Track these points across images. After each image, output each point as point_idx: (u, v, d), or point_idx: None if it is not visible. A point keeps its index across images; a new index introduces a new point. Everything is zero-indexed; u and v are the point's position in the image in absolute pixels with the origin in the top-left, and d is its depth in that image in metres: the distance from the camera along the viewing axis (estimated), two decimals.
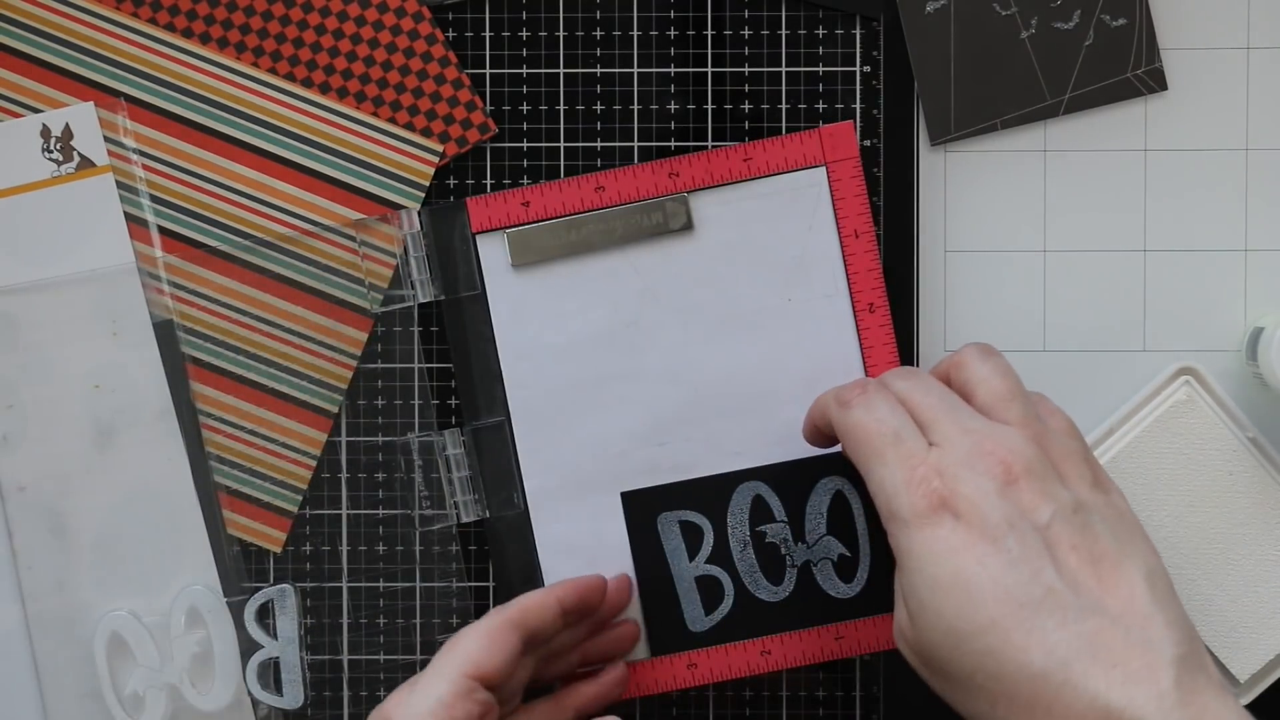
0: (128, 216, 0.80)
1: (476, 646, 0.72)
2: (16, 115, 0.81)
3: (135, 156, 0.81)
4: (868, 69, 0.81)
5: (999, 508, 0.65)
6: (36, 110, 0.80)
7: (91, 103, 0.80)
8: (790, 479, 0.80)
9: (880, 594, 0.80)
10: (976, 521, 0.65)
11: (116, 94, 0.81)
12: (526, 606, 0.74)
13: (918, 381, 0.71)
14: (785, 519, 0.80)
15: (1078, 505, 0.66)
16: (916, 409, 0.69)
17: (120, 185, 0.80)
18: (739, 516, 0.80)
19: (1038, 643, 0.63)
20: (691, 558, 0.80)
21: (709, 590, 0.80)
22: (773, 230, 0.80)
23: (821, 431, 0.75)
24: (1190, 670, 0.63)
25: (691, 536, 0.80)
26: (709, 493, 0.80)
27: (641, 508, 0.80)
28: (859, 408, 0.70)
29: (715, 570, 0.80)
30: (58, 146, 0.80)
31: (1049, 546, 0.65)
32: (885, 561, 0.80)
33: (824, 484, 0.80)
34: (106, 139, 0.80)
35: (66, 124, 0.80)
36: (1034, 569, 0.64)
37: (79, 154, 0.80)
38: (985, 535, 0.65)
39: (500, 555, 0.81)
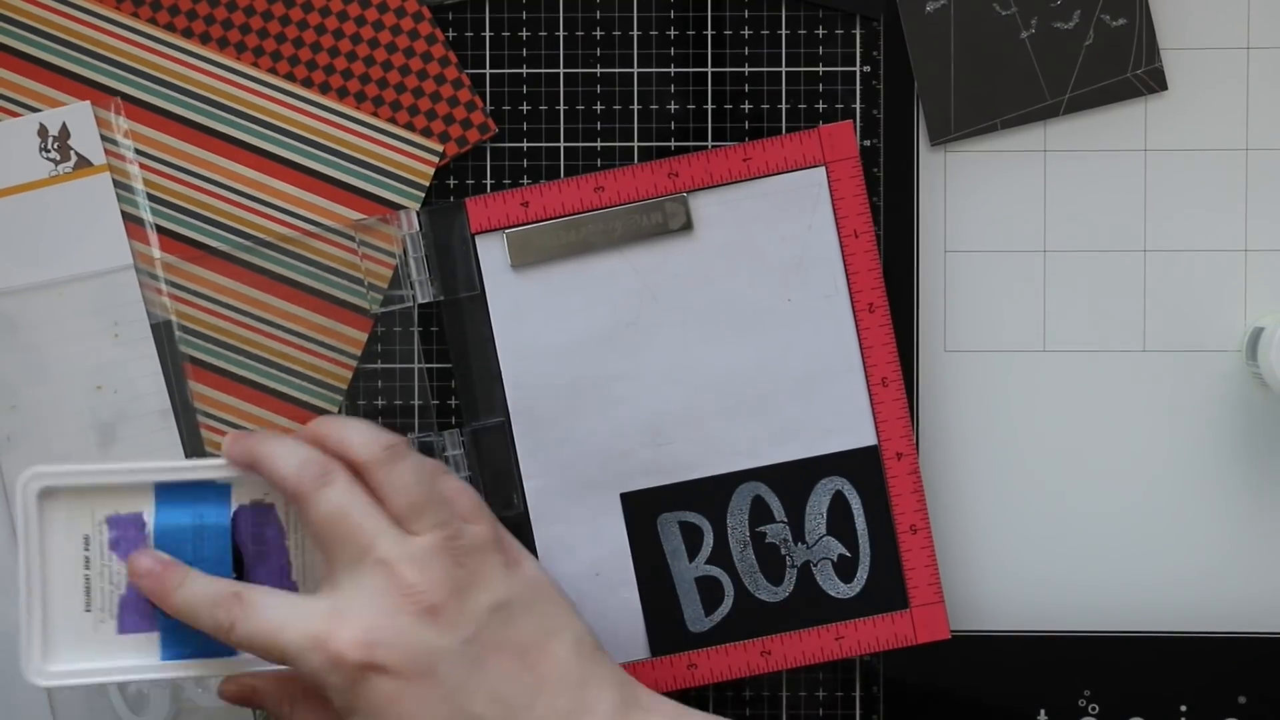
0: (125, 216, 0.80)
1: None
2: (16, 115, 0.81)
3: (132, 155, 0.81)
4: (868, 69, 0.81)
5: (420, 650, 0.67)
6: (36, 110, 0.80)
7: (88, 102, 0.80)
8: (790, 479, 0.80)
9: (880, 594, 0.80)
10: (402, 671, 0.67)
11: (116, 94, 0.81)
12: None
13: (329, 500, 0.70)
14: (785, 519, 0.80)
15: (498, 605, 0.69)
16: (324, 538, 0.70)
17: (117, 184, 0.80)
18: (739, 517, 0.80)
19: None
20: (691, 558, 0.80)
21: (709, 591, 0.80)
22: (772, 230, 0.80)
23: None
24: (626, 711, 0.69)
25: (691, 537, 0.80)
26: (709, 493, 0.80)
27: (641, 508, 0.80)
28: (178, 591, 0.71)
29: (715, 571, 0.80)
30: (55, 146, 0.80)
31: (477, 662, 0.68)
32: (885, 562, 0.80)
33: (824, 484, 0.80)
34: (103, 138, 0.80)
35: (63, 123, 0.80)
36: (467, 695, 0.67)
37: (76, 153, 0.80)
38: (415, 675, 0.67)
39: None
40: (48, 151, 0.80)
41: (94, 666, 0.74)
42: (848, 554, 0.80)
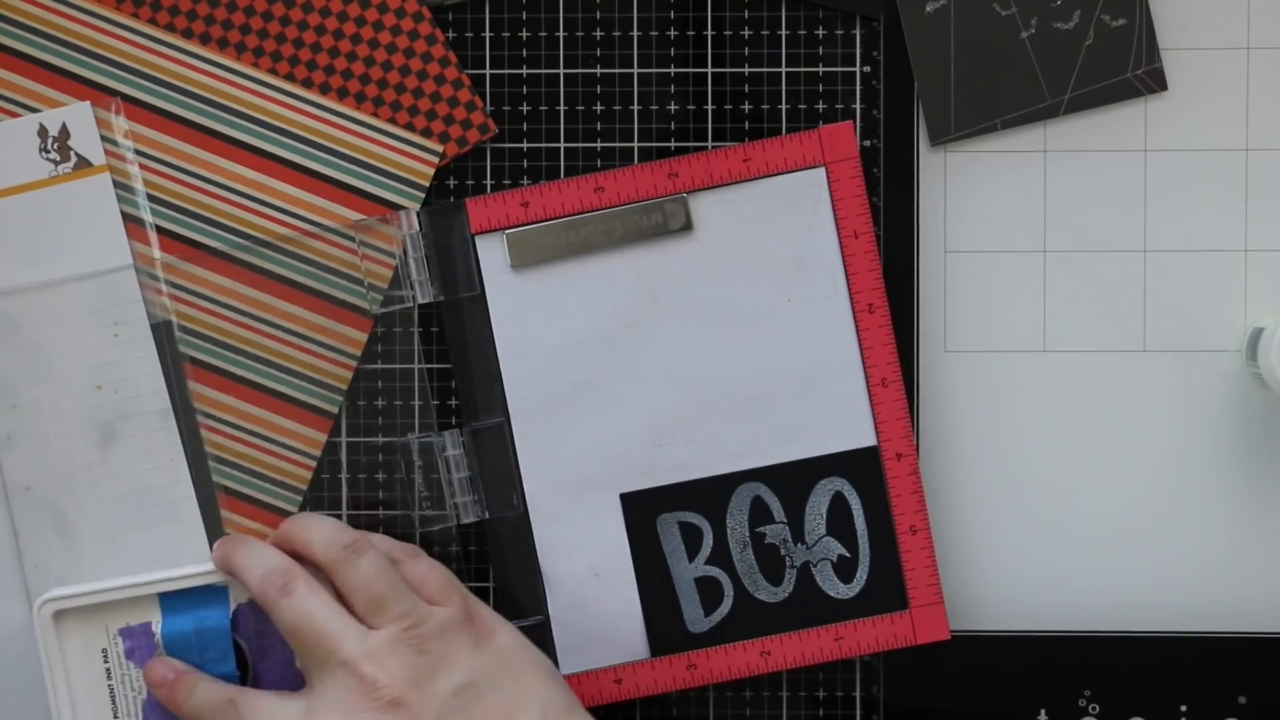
0: (125, 216, 0.80)
1: None
2: (16, 115, 0.81)
3: (132, 156, 0.81)
4: (868, 69, 0.81)
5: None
6: (36, 110, 0.80)
7: (88, 102, 0.80)
8: (789, 480, 0.80)
9: (880, 594, 0.80)
10: None
11: (116, 94, 0.81)
12: None
13: (296, 605, 0.73)
14: (784, 520, 0.80)
15: (462, 687, 0.72)
16: (295, 641, 0.74)
17: (117, 185, 0.80)
18: (738, 517, 0.80)
19: None
20: (691, 559, 0.80)
21: (708, 591, 0.80)
22: (772, 231, 0.80)
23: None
24: None
25: (691, 537, 0.80)
26: (708, 494, 0.80)
27: (641, 509, 0.80)
28: (182, 687, 0.75)
29: (715, 571, 0.80)
30: (55, 146, 0.80)
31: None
32: (885, 562, 0.80)
33: (823, 485, 0.80)
34: (103, 138, 0.80)
35: (63, 124, 0.80)
36: None
37: (76, 154, 0.80)
38: None
39: (500, 556, 0.81)
40: (48, 152, 0.80)
41: None
42: (847, 554, 0.80)
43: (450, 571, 0.75)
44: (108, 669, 0.78)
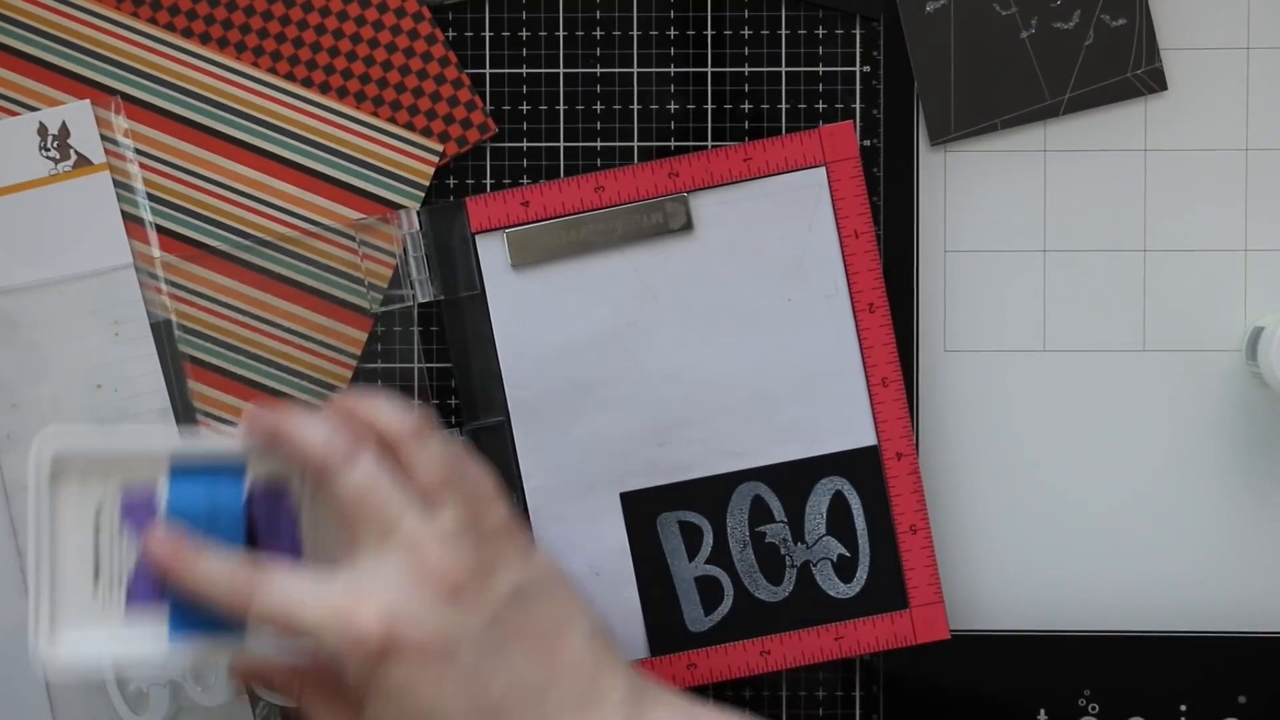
0: (125, 215, 0.80)
1: None
2: (16, 115, 0.81)
3: (132, 154, 0.81)
4: (868, 69, 0.81)
5: (445, 627, 0.66)
6: (36, 110, 0.80)
7: (88, 101, 0.80)
8: (790, 479, 0.80)
9: (880, 594, 0.80)
10: (426, 648, 0.66)
11: (116, 94, 0.81)
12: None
13: (359, 471, 0.69)
14: (785, 519, 0.80)
15: (516, 590, 0.68)
16: (351, 509, 0.69)
17: (117, 184, 0.80)
18: (738, 517, 0.80)
19: None
20: (691, 558, 0.80)
21: (708, 590, 0.80)
22: (772, 230, 0.80)
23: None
24: (636, 701, 0.68)
25: (691, 537, 0.80)
26: (708, 493, 0.80)
27: (641, 508, 0.80)
28: (197, 568, 0.69)
29: (715, 570, 0.80)
30: (54, 145, 0.80)
31: (497, 645, 0.67)
32: (885, 561, 0.80)
33: (823, 484, 0.80)
34: (103, 137, 0.80)
35: (63, 122, 0.80)
36: (489, 674, 0.67)
37: (76, 152, 0.80)
38: (436, 656, 0.66)
39: None
40: (47, 150, 0.80)
41: (99, 644, 0.72)
42: (847, 554, 0.80)
43: (497, 480, 0.72)
44: (97, 529, 0.72)
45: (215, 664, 0.80)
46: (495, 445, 0.81)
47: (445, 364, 0.82)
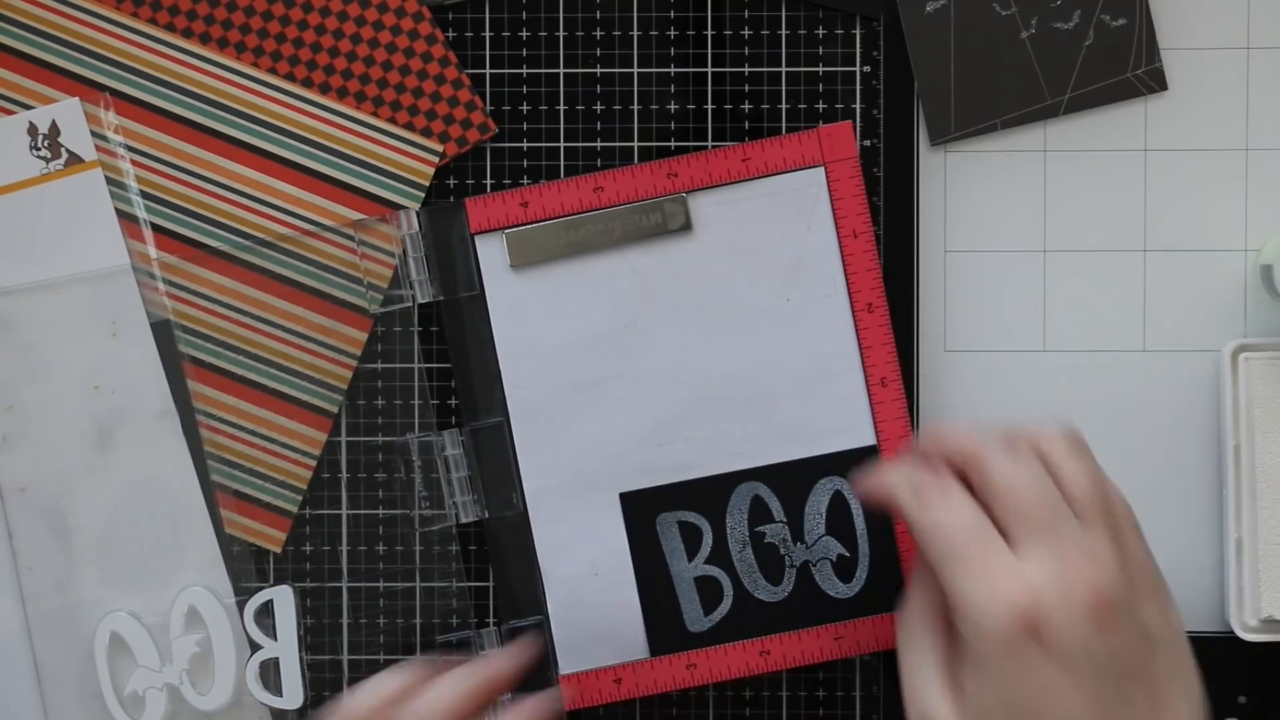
0: (119, 213, 0.80)
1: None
2: (10, 113, 0.81)
3: (122, 151, 0.81)
4: (868, 69, 0.81)
5: (1084, 640, 0.65)
6: (32, 109, 0.81)
7: (77, 98, 0.80)
8: (789, 479, 0.80)
9: (879, 594, 0.80)
10: (1063, 654, 0.65)
11: (117, 94, 0.81)
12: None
13: (1022, 470, 0.68)
14: (784, 519, 0.80)
15: (1148, 637, 0.66)
16: (1012, 502, 0.67)
17: (109, 181, 0.80)
18: (738, 517, 0.80)
19: None
20: (690, 558, 0.80)
21: (708, 591, 0.80)
22: (771, 230, 0.80)
23: (877, 503, 0.73)
24: None
25: (690, 537, 0.80)
26: (708, 493, 0.80)
27: (640, 508, 0.80)
28: (939, 509, 0.68)
29: (714, 570, 0.80)
30: (45, 144, 0.80)
31: (1118, 675, 0.65)
32: (884, 561, 0.80)
33: (823, 484, 0.80)
34: (93, 134, 0.80)
35: (53, 121, 0.80)
36: (1102, 703, 0.65)
37: (66, 150, 0.80)
38: (1069, 670, 0.65)
39: (499, 556, 0.81)
40: (38, 149, 0.80)
41: None
42: (847, 554, 0.80)
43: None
44: None
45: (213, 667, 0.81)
46: (495, 445, 0.81)
47: (445, 364, 0.82)
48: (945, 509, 0.68)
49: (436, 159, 0.81)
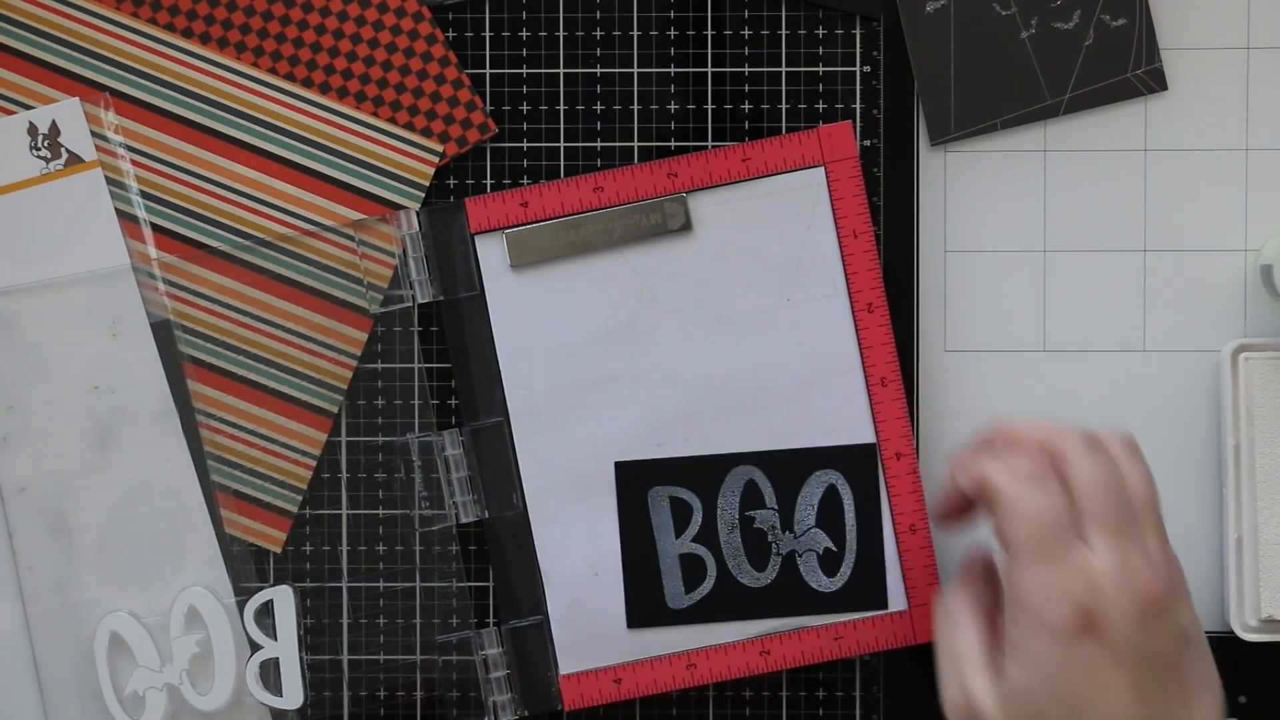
0: (119, 213, 0.80)
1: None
2: (11, 113, 0.81)
3: (122, 151, 0.81)
4: (868, 69, 0.81)
5: (1136, 638, 0.66)
6: (32, 109, 0.81)
7: (77, 99, 0.80)
8: (784, 467, 0.80)
9: (861, 592, 0.80)
10: (1112, 647, 0.66)
11: (117, 94, 0.81)
12: None
13: (1100, 468, 0.69)
14: (775, 507, 0.80)
15: (1185, 638, 0.68)
16: (1090, 497, 0.68)
17: (110, 181, 0.80)
18: (730, 499, 0.80)
19: None
20: (678, 534, 0.80)
21: (692, 568, 0.80)
22: (771, 230, 0.80)
23: (959, 505, 0.74)
24: None
25: (680, 513, 0.80)
26: (703, 472, 0.80)
27: (634, 479, 0.80)
28: (1037, 487, 0.68)
29: (700, 549, 0.80)
30: (45, 144, 0.80)
31: (1158, 672, 0.67)
32: (870, 562, 0.80)
33: (818, 476, 0.80)
34: (93, 134, 0.80)
35: (53, 121, 0.80)
36: (1144, 698, 0.66)
37: (66, 150, 0.80)
38: (1118, 663, 0.66)
39: (499, 555, 0.81)
40: (38, 149, 0.80)
41: None
42: (834, 548, 0.80)
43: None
44: None
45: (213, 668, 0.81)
46: (495, 445, 0.81)
47: (445, 364, 0.82)
48: (1045, 494, 0.68)
49: (436, 159, 0.81)
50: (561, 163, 0.82)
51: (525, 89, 0.82)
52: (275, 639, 0.81)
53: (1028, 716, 0.67)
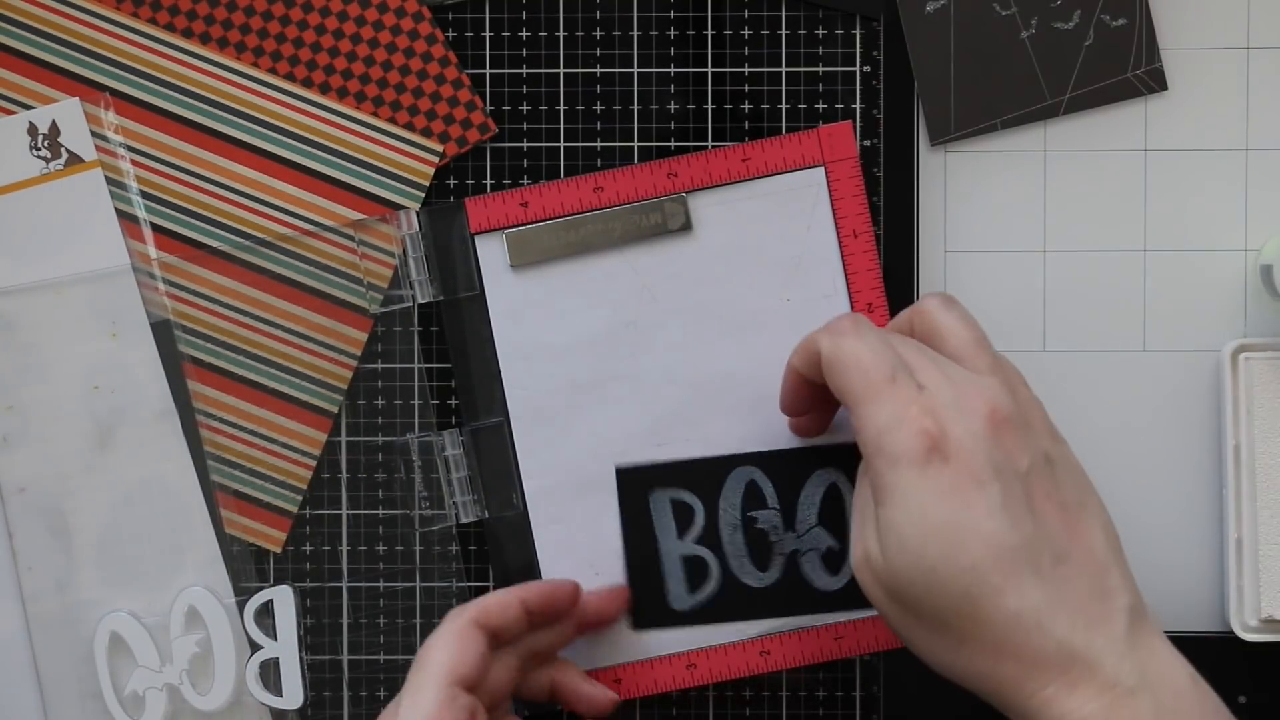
0: (119, 213, 0.80)
1: (447, 653, 0.71)
2: (11, 113, 0.81)
3: (122, 151, 0.81)
4: (868, 69, 0.81)
5: (986, 453, 0.66)
6: (32, 109, 0.81)
7: (77, 98, 0.80)
8: (786, 467, 0.80)
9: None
10: (965, 465, 0.66)
11: (117, 94, 0.81)
12: (486, 606, 0.74)
13: (892, 332, 0.71)
14: (777, 506, 0.80)
15: (1047, 456, 0.68)
16: (906, 349, 0.70)
17: (110, 181, 0.80)
18: (731, 500, 0.80)
19: (1014, 588, 0.65)
20: (680, 536, 0.80)
21: (694, 570, 0.80)
22: (771, 230, 0.80)
23: (800, 389, 0.75)
24: (1139, 618, 0.66)
25: (682, 515, 0.80)
26: (704, 474, 0.80)
27: (636, 483, 0.80)
28: (854, 338, 0.69)
29: (702, 551, 0.80)
30: (45, 144, 0.80)
31: (1027, 494, 0.67)
32: None
33: (819, 475, 0.80)
34: (93, 134, 0.80)
35: (53, 121, 0.80)
36: (1015, 517, 0.66)
37: (66, 150, 0.80)
38: (973, 479, 0.66)
39: (499, 555, 0.81)
40: (38, 149, 0.80)
41: None
42: (836, 547, 0.80)
43: None
44: None
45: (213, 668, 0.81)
46: (495, 445, 0.81)
47: (445, 364, 0.82)
48: (863, 340, 0.69)
49: (436, 159, 0.81)
50: (561, 163, 0.82)
51: (525, 89, 0.82)
52: (275, 639, 0.81)
53: (910, 555, 0.66)
